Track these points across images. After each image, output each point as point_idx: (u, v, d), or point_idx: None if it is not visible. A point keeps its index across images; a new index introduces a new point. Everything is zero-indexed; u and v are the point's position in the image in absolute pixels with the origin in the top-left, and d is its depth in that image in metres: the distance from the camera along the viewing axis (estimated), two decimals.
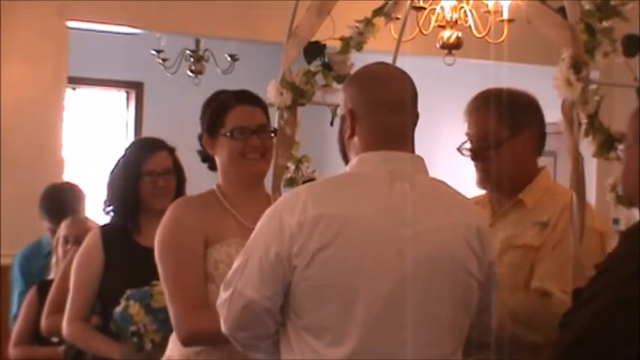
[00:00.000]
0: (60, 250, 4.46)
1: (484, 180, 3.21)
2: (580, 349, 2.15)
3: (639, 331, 2.10)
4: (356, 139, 2.56)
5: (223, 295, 2.49)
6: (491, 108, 3.15)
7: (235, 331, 2.50)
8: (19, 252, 5.12)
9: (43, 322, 4.20)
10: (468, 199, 2.61)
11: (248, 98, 3.12)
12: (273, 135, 3.18)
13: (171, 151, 3.95)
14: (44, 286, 4.39)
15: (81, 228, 4.38)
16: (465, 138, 3.23)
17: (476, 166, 3.22)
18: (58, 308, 4.01)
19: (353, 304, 2.38)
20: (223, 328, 2.51)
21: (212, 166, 3.17)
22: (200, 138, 3.15)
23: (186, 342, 2.94)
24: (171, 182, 3.89)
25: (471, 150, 3.20)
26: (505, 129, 3.13)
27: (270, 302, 2.43)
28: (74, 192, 5.10)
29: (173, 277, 2.97)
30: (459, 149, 3.23)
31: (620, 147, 3.02)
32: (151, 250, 3.06)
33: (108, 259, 3.79)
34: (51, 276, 4.51)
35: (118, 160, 3.95)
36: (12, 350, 4.47)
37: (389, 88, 2.56)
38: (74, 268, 3.86)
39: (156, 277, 3.07)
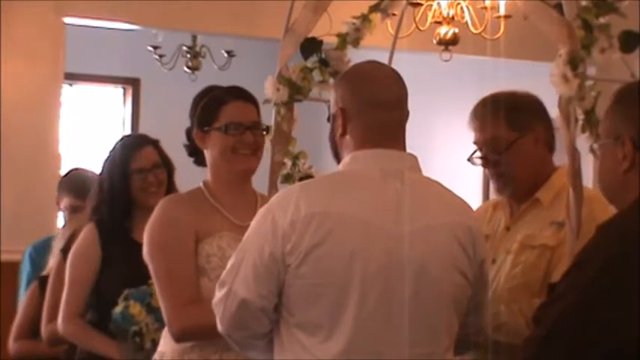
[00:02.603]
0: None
1: (501, 187, 3.21)
2: (551, 345, 2.15)
3: (607, 328, 2.10)
4: (348, 137, 2.57)
5: (218, 295, 2.50)
6: (494, 113, 3.14)
7: (231, 330, 2.51)
8: (30, 245, 5.08)
9: (43, 330, 4.16)
10: (460, 197, 2.61)
11: (242, 94, 3.13)
12: (265, 132, 3.19)
13: (155, 144, 3.95)
14: (45, 281, 4.36)
15: None
16: (471, 146, 3.22)
17: (489, 173, 3.22)
18: (56, 316, 3.97)
19: (345, 301, 2.39)
20: (219, 327, 2.52)
21: (198, 161, 3.17)
22: (189, 132, 3.16)
23: (178, 338, 2.95)
24: (162, 176, 3.90)
25: (481, 158, 3.20)
26: (511, 132, 3.13)
27: (265, 301, 2.44)
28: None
29: (164, 273, 2.98)
30: (469, 160, 3.22)
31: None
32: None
33: (105, 255, 3.79)
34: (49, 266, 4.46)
35: (105, 162, 3.94)
36: (12, 345, 4.43)
37: (379, 86, 2.57)
38: (69, 265, 3.84)
39: None
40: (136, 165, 3.86)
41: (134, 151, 3.90)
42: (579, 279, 2.17)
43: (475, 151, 3.22)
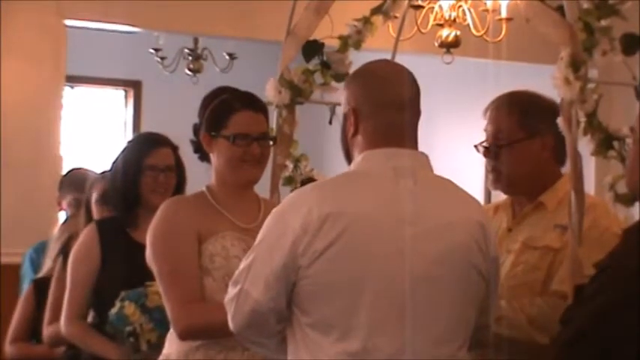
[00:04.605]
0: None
1: (496, 180, 3.20)
2: (581, 346, 2.15)
3: (637, 329, 2.10)
4: (359, 137, 2.55)
5: (231, 292, 2.50)
6: (510, 108, 3.14)
7: (242, 329, 2.51)
8: (29, 248, 5.09)
9: (44, 331, 4.16)
10: (471, 195, 2.60)
11: (253, 103, 3.11)
12: (271, 142, 3.18)
13: (174, 148, 3.95)
14: (41, 283, 4.36)
15: None
16: (472, 149, 3.22)
17: (488, 164, 3.21)
18: (57, 317, 3.96)
19: (359, 301, 2.39)
20: (230, 325, 2.53)
21: (203, 157, 3.17)
22: (196, 130, 3.15)
23: (183, 336, 2.95)
24: (172, 180, 3.89)
25: (485, 147, 3.20)
26: (521, 131, 3.12)
27: (275, 303, 2.44)
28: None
29: (168, 273, 2.98)
30: (476, 146, 3.22)
31: (628, 140, 3.01)
32: (145, 247, 3.07)
33: (105, 255, 3.78)
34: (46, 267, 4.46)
35: (120, 153, 3.95)
36: (8, 348, 4.42)
37: (392, 85, 2.56)
38: (70, 265, 3.83)
39: (152, 274, 3.07)
40: (150, 162, 3.85)
41: (151, 148, 3.89)
42: (608, 282, 2.17)
43: (485, 140, 3.21)
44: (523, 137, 3.12)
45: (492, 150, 3.17)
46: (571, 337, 2.18)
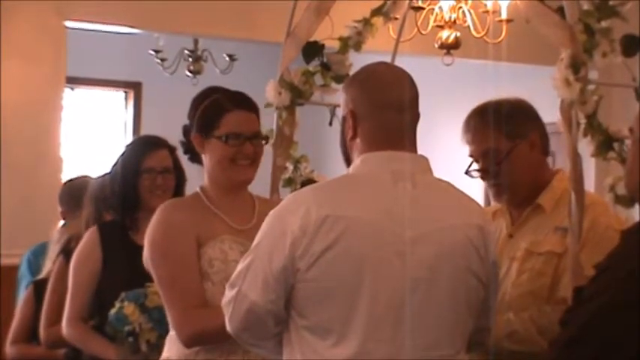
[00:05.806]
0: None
1: (499, 194, 3.18)
2: (579, 347, 2.15)
3: (639, 331, 2.10)
4: (358, 140, 2.54)
5: (228, 295, 2.50)
6: (488, 124, 3.12)
7: (240, 331, 2.51)
8: (28, 250, 5.09)
9: (42, 333, 4.16)
10: (471, 198, 2.60)
11: (245, 103, 3.09)
12: (264, 142, 3.17)
13: (171, 150, 3.95)
14: (40, 284, 4.36)
15: None
16: (468, 158, 3.21)
17: (488, 183, 3.20)
18: (56, 319, 3.98)
19: (356, 305, 2.38)
20: (228, 327, 2.52)
21: (193, 158, 3.16)
22: (186, 131, 3.14)
23: (188, 343, 2.92)
24: (170, 181, 3.89)
25: (478, 170, 3.18)
26: (507, 141, 3.11)
27: (273, 305, 2.44)
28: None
29: (168, 279, 2.96)
30: (467, 173, 3.20)
31: (627, 141, 3.00)
32: None
33: (106, 258, 3.79)
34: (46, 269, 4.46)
35: (119, 157, 3.95)
36: (8, 349, 4.43)
37: (391, 88, 2.55)
38: (72, 268, 3.84)
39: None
40: (147, 164, 3.86)
41: (148, 151, 3.90)
42: (607, 283, 2.16)
43: (471, 164, 3.20)
44: (513, 146, 3.11)
45: (490, 170, 3.15)
46: (570, 339, 2.17)
